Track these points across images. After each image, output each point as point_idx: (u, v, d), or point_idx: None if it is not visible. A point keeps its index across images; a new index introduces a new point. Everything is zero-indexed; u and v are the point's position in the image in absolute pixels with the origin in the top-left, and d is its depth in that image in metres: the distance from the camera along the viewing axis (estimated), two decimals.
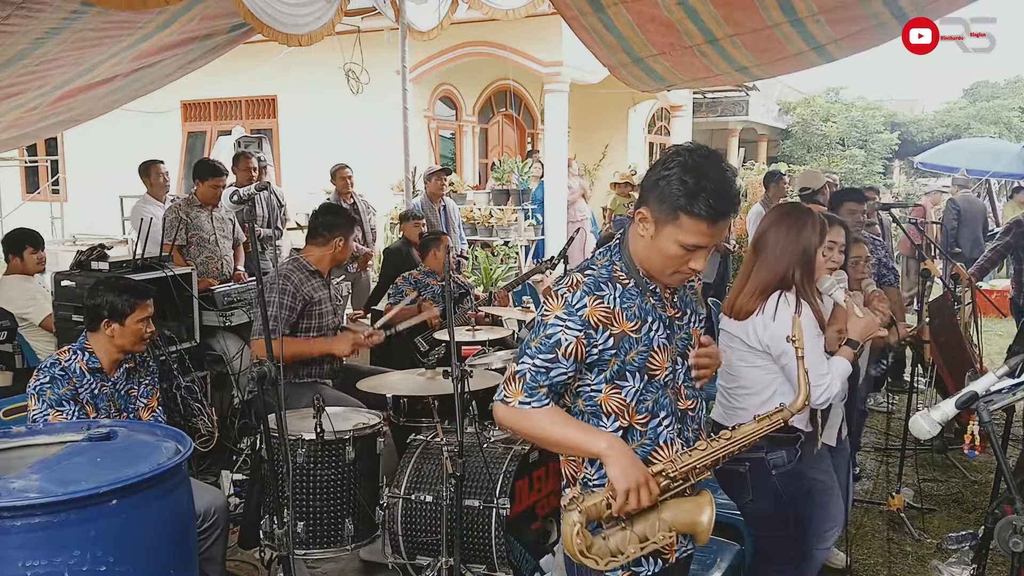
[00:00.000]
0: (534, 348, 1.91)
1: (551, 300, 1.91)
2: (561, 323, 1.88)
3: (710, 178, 1.80)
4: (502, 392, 1.95)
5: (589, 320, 1.87)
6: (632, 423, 1.95)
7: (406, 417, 3.89)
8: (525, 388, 1.90)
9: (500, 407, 1.96)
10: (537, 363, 1.90)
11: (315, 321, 4.08)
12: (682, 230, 1.83)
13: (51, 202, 12.81)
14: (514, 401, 1.91)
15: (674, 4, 5.37)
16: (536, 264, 8.10)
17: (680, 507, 1.91)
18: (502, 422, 1.98)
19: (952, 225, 10.10)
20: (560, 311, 1.88)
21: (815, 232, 2.73)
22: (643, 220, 1.89)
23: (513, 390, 1.92)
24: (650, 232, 1.88)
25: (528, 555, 3.43)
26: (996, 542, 1.96)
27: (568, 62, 10.92)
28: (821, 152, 23.41)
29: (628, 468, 1.84)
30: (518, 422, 1.94)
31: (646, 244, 1.90)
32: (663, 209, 1.84)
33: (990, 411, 2.00)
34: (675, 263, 1.89)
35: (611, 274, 1.93)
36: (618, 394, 1.93)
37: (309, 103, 12.06)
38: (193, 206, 5.68)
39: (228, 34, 5.71)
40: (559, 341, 1.88)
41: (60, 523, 2.03)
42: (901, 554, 3.91)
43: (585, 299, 1.87)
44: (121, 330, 3.19)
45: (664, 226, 1.85)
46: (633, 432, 1.96)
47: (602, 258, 1.98)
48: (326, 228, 4.17)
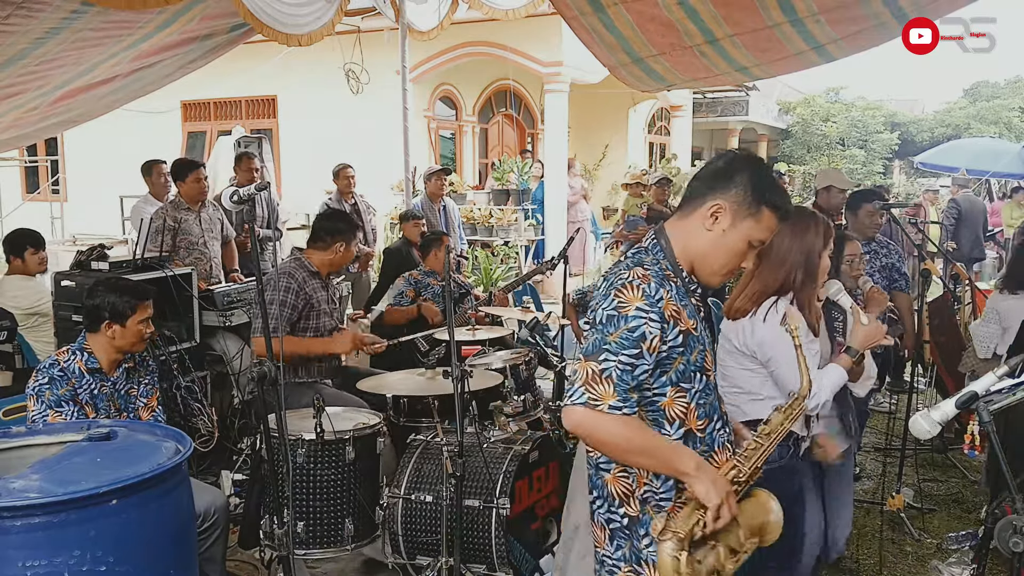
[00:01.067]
0: (615, 343, 1.74)
1: (626, 291, 1.77)
2: (644, 315, 1.75)
3: (776, 180, 1.91)
4: (584, 394, 1.74)
5: (665, 313, 1.78)
6: (693, 428, 1.86)
7: (406, 417, 3.90)
8: (617, 390, 1.73)
9: (581, 412, 1.75)
10: (623, 360, 1.74)
11: (312, 322, 4.09)
12: (759, 225, 1.84)
13: (51, 202, 12.81)
14: (604, 404, 1.72)
15: (674, 4, 5.37)
16: (536, 264, 8.10)
17: (748, 511, 1.87)
18: (582, 428, 1.79)
19: (952, 224, 10.11)
20: (641, 302, 1.75)
21: (818, 236, 2.72)
22: (717, 213, 1.84)
23: (602, 391, 1.73)
24: (723, 226, 1.84)
25: (528, 555, 3.43)
26: (996, 542, 1.96)
27: (568, 62, 10.92)
28: (821, 152, 23.42)
29: (713, 483, 1.77)
30: (605, 429, 1.75)
31: (712, 239, 1.86)
32: (745, 202, 1.83)
33: (990, 411, 2.00)
34: (736, 260, 1.88)
35: (663, 272, 1.85)
36: (683, 398, 1.84)
37: (309, 103, 12.07)
38: (180, 209, 5.62)
39: (228, 34, 5.71)
40: (644, 334, 1.75)
41: (60, 523, 2.03)
42: (901, 554, 3.91)
43: (661, 291, 1.78)
44: (122, 331, 3.19)
45: (743, 220, 1.84)
46: (693, 437, 1.87)
47: (647, 256, 1.88)
48: (328, 233, 4.19)
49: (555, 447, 3.88)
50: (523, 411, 4.13)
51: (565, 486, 3.46)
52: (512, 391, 4.12)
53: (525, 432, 3.79)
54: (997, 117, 26.26)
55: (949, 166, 14.38)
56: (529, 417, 4.20)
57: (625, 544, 1.90)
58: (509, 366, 4.21)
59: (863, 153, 24.03)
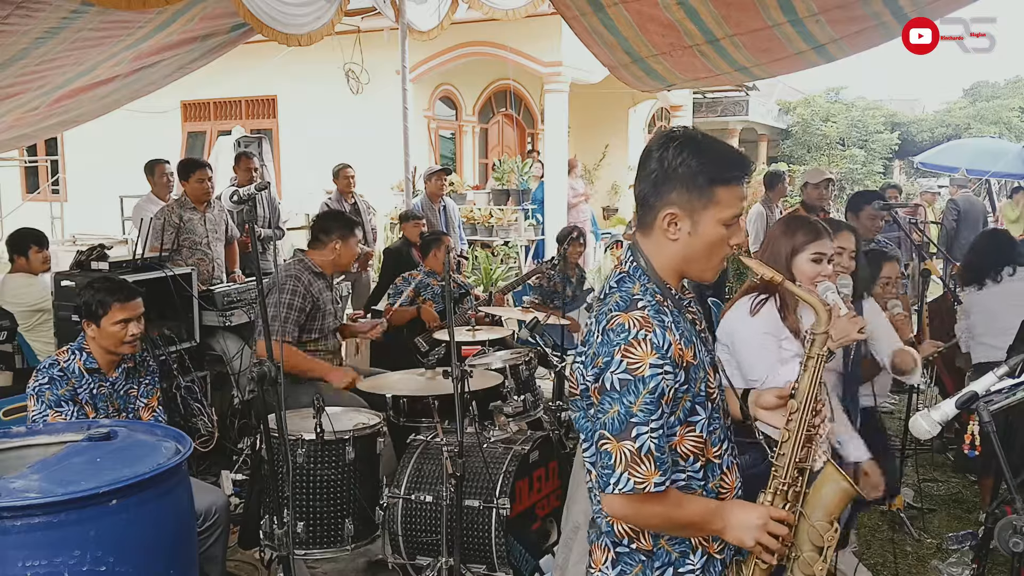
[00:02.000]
0: (641, 413, 1.61)
1: (635, 349, 1.62)
2: (659, 369, 1.62)
3: (715, 142, 1.73)
4: (629, 480, 1.61)
5: (675, 359, 1.65)
6: (710, 458, 1.77)
7: (406, 417, 3.90)
8: (658, 464, 1.62)
9: (624, 501, 1.63)
10: (653, 427, 1.62)
11: (318, 323, 4.09)
12: (721, 205, 1.69)
13: (51, 202, 12.80)
14: (649, 485, 1.61)
15: (674, 4, 5.37)
16: (536, 264, 8.10)
17: (819, 496, 1.80)
18: (623, 516, 1.70)
19: (952, 225, 10.11)
20: (653, 357, 1.62)
21: (793, 238, 2.80)
22: (673, 221, 1.70)
23: (646, 471, 1.61)
24: (687, 228, 1.70)
25: (528, 555, 3.43)
26: (996, 542, 1.96)
27: (568, 62, 10.92)
28: (821, 152, 23.41)
29: (741, 525, 1.70)
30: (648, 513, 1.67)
31: (683, 245, 1.72)
32: (694, 195, 1.68)
33: (990, 411, 2.00)
34: (720, 247, 1.73)
35: (655, 300, 1.71)
36: (692, 432, 1.73)
37: (309, 103, 12.07)
38: (185, 208, 5.64)
39: (228, 34, 5.71)
40: (663, 391, 1.63)
41: (60, 523, 2.03)
42: (901, 554, 3.91)
43: (666, 335, 1.65)
44: (98, 331, 3.15)
45: (702, 211, 1.69)
46: (712, 468, 1.77)
47: (634, 284, 1.73)
48: (323, 232, 4.21)
49: (555, 447, 3.88)
50: (523, 411, 4.14)
51: (565, 486, 3.47)
52: (512, 391, 4.13)
53: (525, 432, 3.79)
54: (997, 117, 26.25)
55: (949, 166, 14.37)
56: (529, 417, 4.20)
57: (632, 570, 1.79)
58: (509, 366, 4.21)
59: (863, 153, 24.01)
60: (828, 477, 1.81)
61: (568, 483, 3.38)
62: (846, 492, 1.79)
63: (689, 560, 1.77)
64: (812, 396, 1.81)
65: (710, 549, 1.79)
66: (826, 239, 2.84)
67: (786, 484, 1.78)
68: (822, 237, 2.83)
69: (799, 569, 1.78)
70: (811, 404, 1.81)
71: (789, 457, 1.79)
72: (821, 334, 1.83)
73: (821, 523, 1.78)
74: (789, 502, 1.78)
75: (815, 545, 1.78)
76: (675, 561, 1.76)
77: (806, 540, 1.78)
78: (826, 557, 1.77)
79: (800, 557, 1.77)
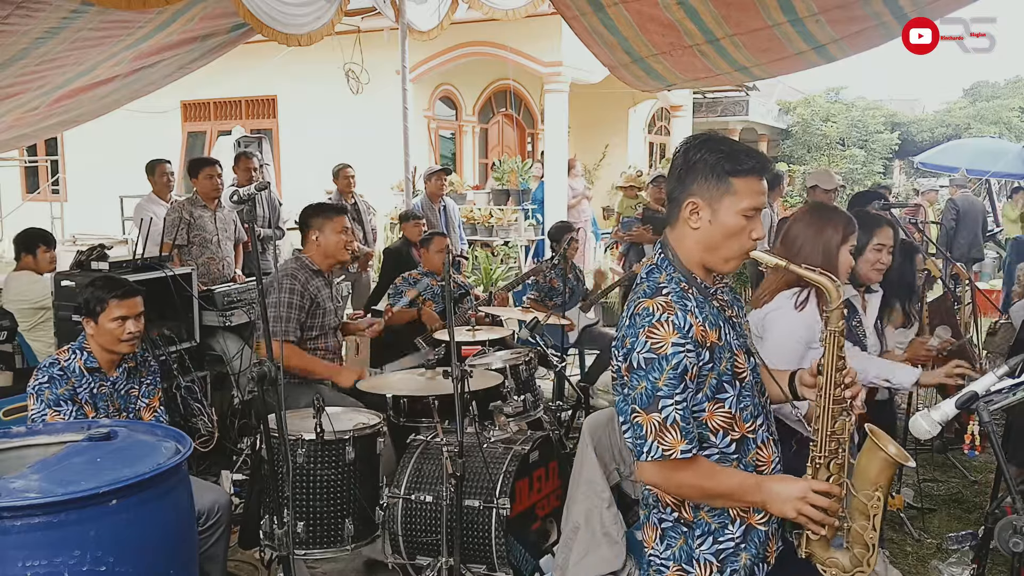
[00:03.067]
0: (666, 387, 1.77)
1: (658, 330, 1.78)
2: (681, 348, 1.78)
3: (733, 143, 1.88)
4: (657, 448, 1.77)
5: (697, 339, 1.80)
6: (744, 433, 1.89)
7: (406, 417, 3.90)
8: (684, 434, 1.77)
9: (655, 467, 1.80)
10: (678, 400, 1.77)
11: (318, 320, 4.08)
12: (739, 195, 1.82)
13: (51, 202, 12.82)
14: (675, 452, 1.77)
15: (674, 4, 5.37)
16: (536, 264, 8.10)
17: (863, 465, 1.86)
18: (655, 483, 1.86)
19: (951, 225, 10.12)
20: (675, 336, 1.77)
21: (836, 231, 2.72)
22: (695, 210, 1.84)
23: (672, 440, 1.77)
24: (707, 216, 1.84)
25: (528, 555, 3.43)
26: (996, 542, 1.96)
27: (568, 62, 10.92)
28: (821, 152, 23.40)
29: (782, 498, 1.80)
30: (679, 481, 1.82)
31: (705, 233, 1.85)
32: (712, 184, 1.82)
33: (990, 411, 2.00)
34: (741, 237, 1.84)
35: (680, 287, 1.86)
36: (721, 408, 1.86)
37: (309, 103, 12.07)
38: (196, 206, 5.68)
39: (228, 34, 5.71)
40: (686, 367, 1.78)
41: (60, 523, 2.03)
42: (901, 554, 3.91)
43: (688, 317, 1.80)
44: (96, 328, 3.15)
45: (720, 200, 1.82)
46: (747, 442, 1.89)
47: (661, 274, 1.89)
48: (304, 227, 4.17)
49: (555, 447, 3.88)
50: (523, 411, 4.14)
51: (565, 486, 3.47)
52: (512, 391, 4.12)
53: (525, 432, 3.79)
54: (997, 117, 26.24)
55: (949, 166, 14.37)
56: (529, 417, 4.20)
57: (676, 543, 1.93)
58: (509, 366, 4.21)
59: (863, 153, 24.01)
60: (869, 447, 1.86)
61: (568, 483, 3.38)
62: (885, 461, 1.83)
63: (728, 530, 1.90)
64: (835, 368, 1.87)
65: (750, 519, 1.91)
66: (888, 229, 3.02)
67: (824, 457, 1.85)
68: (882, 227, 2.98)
69: (854, 540, 1.85)
70: (835, 376, 1.87)
71: (822, 431, 1.86)
72: (834, 310, 1.88)
73: (866, 492, 1.84)
74: (832, 474, 1.84)
75: (864, 514, 1.84)
76: (714, 531, 1.90)
77: (855, 510, 1.85)
78: (875, 525, 1.83)
79: (852, 527, 1.84)
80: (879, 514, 1.83)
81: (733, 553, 1.90)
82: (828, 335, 1.88)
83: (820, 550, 1.86)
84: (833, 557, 1.86)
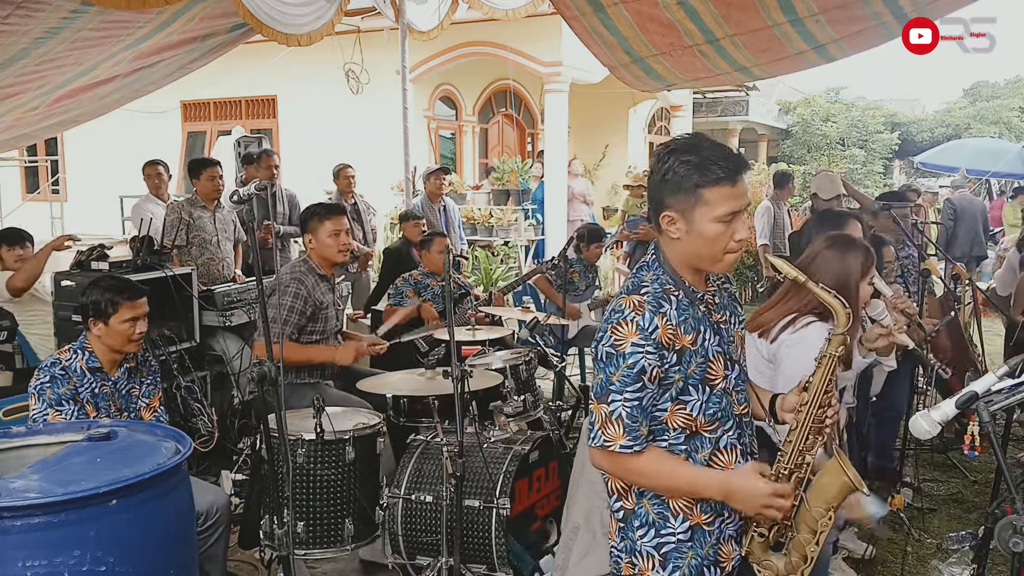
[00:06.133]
0: (618, 383, 1.82)
1: (622, 328, 1.82)
2: (640, 349, 1.81)
3: (705, 147, 1.85)
4: (600, 437, 1.85)
5: (661, 341, 1.82)
6: (699, 430, 1.92)
7: (406, 417, 3.89)
8: (626, 430, 1.82)
9: (599, 454, 1.88)
10: (628, 397, 1.82)
11: (320, 324, 4.07)
12: (710, 205, 1.82)
13: (51, 202, 12.79)
14: (615, 445, 1.83)
15: (674, 4, 5.38)
16: (536, 264, 8.10)
17: (821, 485, 1.92)
18: (602, 468, 1.92)
19: (949, 225, 10.13)
20: (636, 337, 1.81)
21: (858, 263, 2.71)
22: (671, 222, 1.86)
23: (613, 433, 1.83)
24: (684, 228, 1.86)
25: (528, 555, 3.43)
26: (996, 542, 1.96)
27: (568, 62, 10.92)
28: (821, 152, 23.39)
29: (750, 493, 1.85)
30: (626, 470, 1.88)
31: (685, 243, 1.87)
32: (682, 196, 1.83)
33: (990, 411, 2.00)
34: (722, 241, 1.84)
35: (663, 288, 1.88)
36: (683, 410, 1.89)
37: (309, 103, 12.06)
38: (196, 206, 5.67)
39: (228, 34, 5.71)
40: (643, 368, 1.81)
41: (60, 523, 2.03)
42: (901, 554, 3.91)
43: (655, 319, 1.82)
44: (106, 329, 3.16)
45: (693, 211, 1.83)
46: (701, 439, 1.92)
47: (647, 273, 1.92)
48: (302, 229, 4.16)
49: (555, 447, 3.88)
50: (523, 411, 4.14)
51: (565, 486, 3.47)
52: (512, 391, 4.12)
53: (525, 432, 3.79)
54: (997, 117, 26.24)
55: (949, 166, 14.39)
56: (529, 417, 4.20)
57: (624, 536, 1.97)
58: (509, 366, 4.21)
59: (863, 153, 24.00)
60: (832, 469, 1.93)
61: (568, 483, 3.38)
62: (845, 485, 1.91)
63: (669, 524, 1.92)
64: (823, 390, 1.93)
65: (696, 519, 1.92)
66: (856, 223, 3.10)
67: (788, 468, 1.92)
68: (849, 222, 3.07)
69: (794, 548, 1.93)
70: (821, 398, 1.93)
71: (795, 444, 1.92)
72: (839, 335, 1.94)
73: (818, 509, 1.91)
74: (791, 485, 1.90)
75: (810, 528, 1.91)
76: (655, 523, 1.93)
77: (803, 523, 1.92)
78: (818, 541, 1.90)
79: (796, 537, 1.92)
80: (826, 532, 1.90)
81: (676, 550, 1.91)
82: (827, 357, 1.93)
83: (759, 551, 1.95)
84: (769, 560, 1.94)
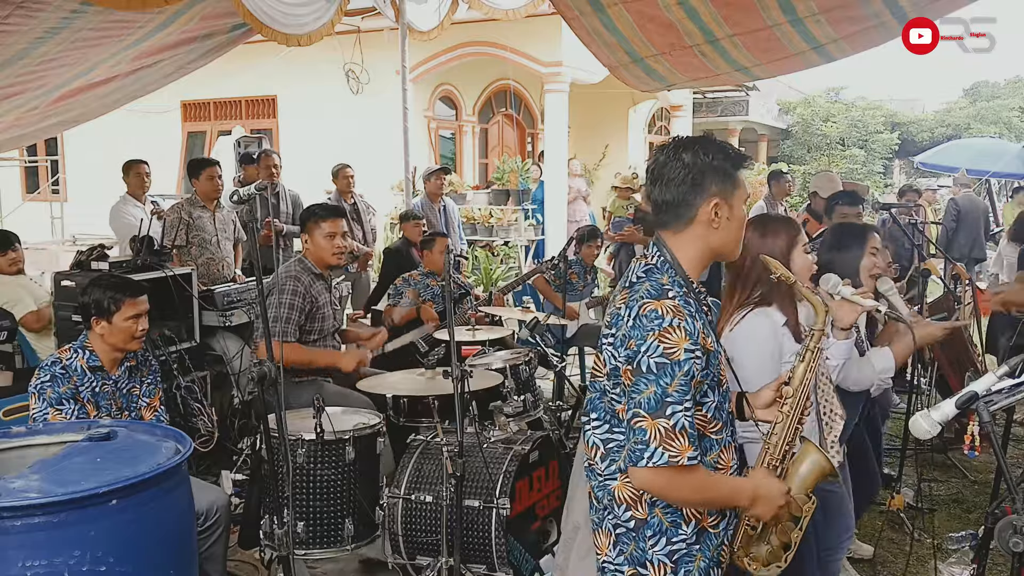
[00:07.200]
0: (676, 393, 1.75)
1: (670, 335, 1.76)
2: (692, 354, 1.77)
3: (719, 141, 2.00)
4: (663, 454, 1.73)
5: (704, 345, 1.82)
6: (707, 433, 1.89)
7: (406, 417, 3.89)
8: (691, 441, 1.76)
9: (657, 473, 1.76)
10: (687, 407, 1.77)
11: (317, 324, 4.07)
12: (742, 187, 1.94)
13: (51, 202, 12.80)
14: (682, 459, 1.74)
15: (674, 4, 5.38)
16: (536, 264, 8.10)
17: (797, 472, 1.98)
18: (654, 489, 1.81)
19: (952, 225, 10.12)
20: (687, 343, 1.77)
21: (779, 238, 2.63)
22: (719, 209, 1.88)
23: (680, 446, 1.74)
24: (727, 215, 1.90)
25: (528, 555, 3.43)
26: (996, 542, 1.96)
27: (568, 62, 10.92)
28: (821, 152, 23.41)
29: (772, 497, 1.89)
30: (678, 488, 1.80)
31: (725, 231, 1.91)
32: (728, 181, 1.90)
33: (990, 411, 2.00)
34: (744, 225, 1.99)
35: (682, 291, 1.85)
36: (700, 412, 1.86)
37: (309, 103, 12.06)
38: (196, 206, 5.67)
39: (228, 34, 5.71)
40: (694, 374, 1.78)
41: (60, 523, 2.03)
42: (901, 554, 3.91)
43: (696, 323, 1.80)
44: (110, 328, 3.18)
45: (733, 195, 1.90)
46: (709, 441, 1.89)
47: (663, 276, 1.87)
48: (301, 229, 4.19)
49: (555, 447, 3.88)
50: (523, 411, 4.14)
51: (565, 486, 3.46)
52: (512, 391, 4.12)
53: (525, 432, 3.79)
54: (997, 117, 26.28)
55: (949, 166, 14.38)
56: (529, 417, 4.20)
57: (628, 547, 1.90)
58: (509, 366, 4.21)
59: (863, 153, 24.01)
60: (806, 453, 1.99)
61: (568, 483, 3.38)
62: (821, 467, 1.97)
63: (681, 531, 1.89)
64: (806, 385, 1.99)
65: (704, 522, 1.92)
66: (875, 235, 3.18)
67: (775, 462, 1.96)
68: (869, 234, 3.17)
69: (777, 536, 1.96)
70: (806, 392, 1.99)
71: (781, 438, 1.97)
72: (819, 330, 2.00)
73: (800, 496, 1.95)
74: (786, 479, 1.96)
75: (793, 515, 1.96)
76: (667, 531, 1.88)
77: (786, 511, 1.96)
78: (802, 527, 1.95)
79: (780, 525, 1.96)
80: (808, 517, 1.95)
81: (687, 554, 1.88)
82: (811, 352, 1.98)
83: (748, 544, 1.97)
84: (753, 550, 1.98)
